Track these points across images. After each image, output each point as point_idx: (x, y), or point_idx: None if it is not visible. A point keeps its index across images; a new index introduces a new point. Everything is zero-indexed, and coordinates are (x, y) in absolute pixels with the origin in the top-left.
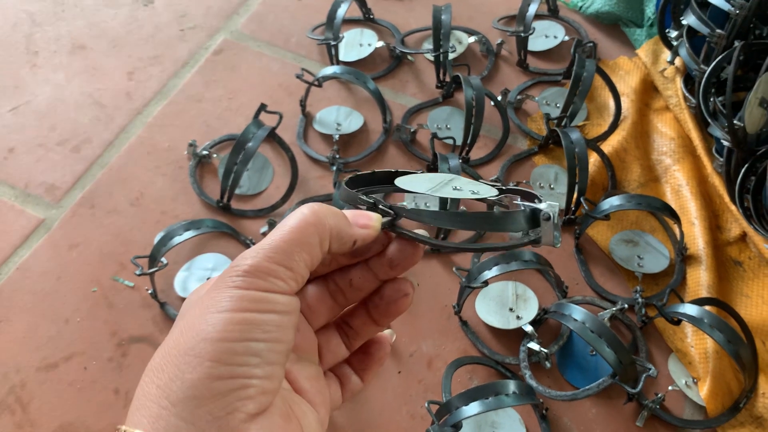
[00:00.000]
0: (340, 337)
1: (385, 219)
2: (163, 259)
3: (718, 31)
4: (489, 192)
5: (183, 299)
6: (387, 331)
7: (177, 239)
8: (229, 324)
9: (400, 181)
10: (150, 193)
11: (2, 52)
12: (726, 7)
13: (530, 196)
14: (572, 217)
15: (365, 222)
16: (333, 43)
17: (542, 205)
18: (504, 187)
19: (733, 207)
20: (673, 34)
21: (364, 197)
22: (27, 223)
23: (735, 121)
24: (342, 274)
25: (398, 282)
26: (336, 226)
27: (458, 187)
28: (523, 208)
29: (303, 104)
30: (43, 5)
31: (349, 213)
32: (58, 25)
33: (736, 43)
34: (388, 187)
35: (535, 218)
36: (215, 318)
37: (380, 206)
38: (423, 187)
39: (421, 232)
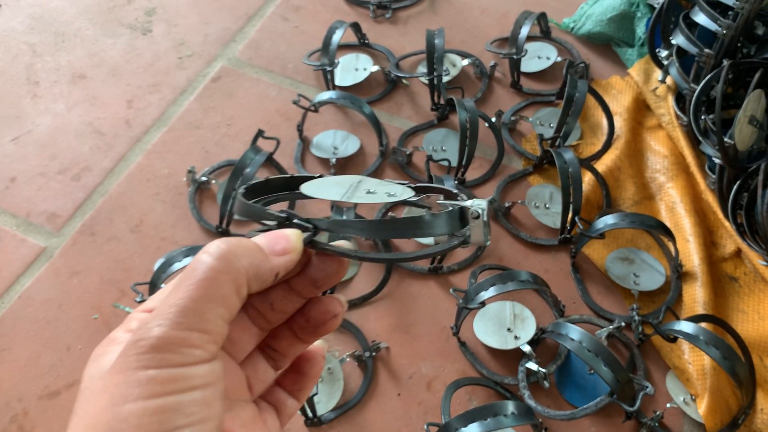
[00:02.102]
0: (266, 361)
1: (304, 235)
2: (163, 286)
3: (707, 50)
4: (405, 192)
5: None
6: (318, 342)
7: (177, 265)
8: (145, 416)
9: (306, 188)
10: (150, 219)
11: (4, 82)
12: (713, 27)
13: (449, 194)
14: (568, 236)
15: (284, 246)
16: (329, 68)
17: (468, 203)
18: (414, 185)
19: (726, 223)
20: (664, 53)
21: (274, 212)
22: (29, 252)
23: (726, 139)
24: (261, 297)
25: (325, 302)
26: (252, 265)
27: (371, 190)
28: (450, 207)
29: (300, 129)
30: (43, 36)
31: (262, 240)
32: (59, 55)
33: (725, 62)
34: (290, 194)
35: (463, 217)
36: (127, 411)
37: (295, 221)
38: (333, 194)
39: (343, 243)
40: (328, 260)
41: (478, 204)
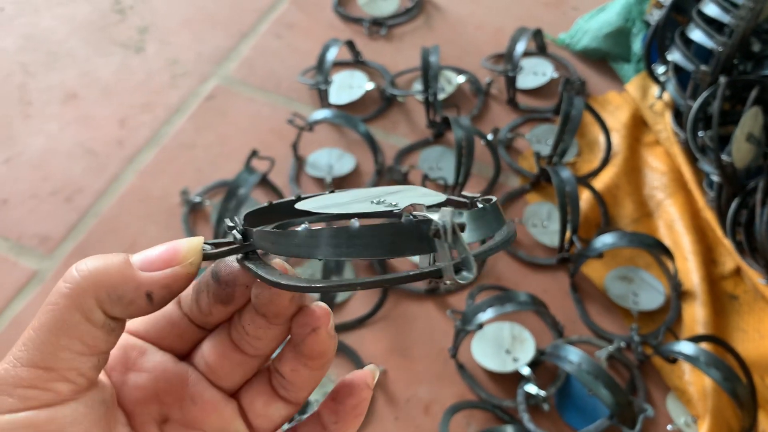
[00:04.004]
0: (273, 392)
1: (210, 248)
2: None
3: (703, 67)
4: (407, 201)
5: None
6: (368, 367)
7: None
8: None
9: (308, 204)
10: (143, 242)
11: None
12: (709, 44)
13: (453, 202)
14: (566, 255)
15: (165, 258)
16: (323, 87)
17: (435, 215)
18: (458, 198)
19: (726, 241)
20: (660, 69)
21: (230, 224)
22: (20, 276)
23: (723, 157)
24: (237, 321)
25: (301, 315)
26: (105, 281)
27: (385, 201)
28: (408, 216)
29: (295, 148)
30: (35, 56)
31: (143, 253)
32: (51, 75)
33: (721, 79)
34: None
35: (426, 234)
36: None
37: (233, 229)
38: (336, 206)
39: (283, 266)
40: (261, 286)
41: (443, 215)
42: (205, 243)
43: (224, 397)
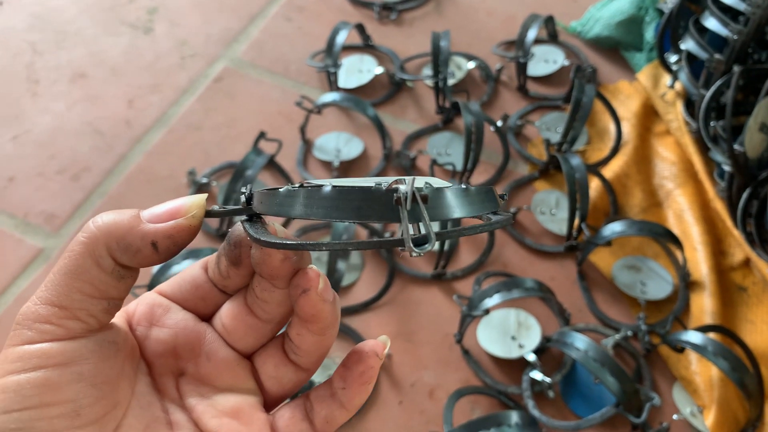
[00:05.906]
0: (284, 356)
1: (223, 208)
2: None
3: (717, 56)
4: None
5: None
6: (381, 338)
7: (176, 268)
8: None
9: (317, 182)
10: None
11: (3, 81)
12: (724, 32)
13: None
14: (574, 243)
15: (170, 211)
16: (332, 70)
17: (402, 186)
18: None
19: (736, 232)
20: (673, 58)
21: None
22: (26, 253)
23: (736, 146)
24: (250, 286)
25: (295, 277)
26: (115, 232)
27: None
28: (379, 186)
29: (303, 131)
30: (44, 35)
31: (155, 207)
32: (59, 54)
33: (735, 68)
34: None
35: (390, 202)
36: None
37: (243, 194)
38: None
39: (277, 229)
40: (256, 246)
41: (408, 184)
42: (215, 206)
43: (238, 357)
